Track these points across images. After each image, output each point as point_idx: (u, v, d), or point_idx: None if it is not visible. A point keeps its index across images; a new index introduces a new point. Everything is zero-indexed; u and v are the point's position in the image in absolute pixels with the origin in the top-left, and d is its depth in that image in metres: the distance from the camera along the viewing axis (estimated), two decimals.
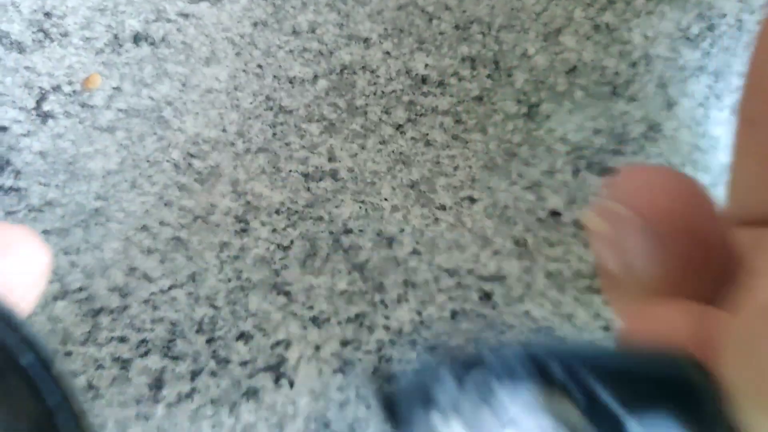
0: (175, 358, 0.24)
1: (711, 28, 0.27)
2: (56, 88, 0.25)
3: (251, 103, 0.25)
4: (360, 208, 0.25)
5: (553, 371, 0.15)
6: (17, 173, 0.25)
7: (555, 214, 0.25)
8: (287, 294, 0.24)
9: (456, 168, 0.25)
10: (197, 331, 0.24)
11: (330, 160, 0.25)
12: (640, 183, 0.16)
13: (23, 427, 0.14)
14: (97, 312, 0.24)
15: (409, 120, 0.25)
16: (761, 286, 0.12)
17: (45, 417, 0.14)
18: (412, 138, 0.25)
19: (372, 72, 0.26)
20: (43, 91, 0.25)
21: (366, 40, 0.26)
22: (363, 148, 0.25)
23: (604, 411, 0.15)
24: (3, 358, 0.14)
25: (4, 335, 0.14)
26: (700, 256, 0.15)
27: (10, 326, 0.14)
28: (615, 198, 0.16)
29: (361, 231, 0.25)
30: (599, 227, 0.17)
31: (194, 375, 0.24)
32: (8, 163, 0.25)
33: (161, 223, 0.25)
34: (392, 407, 0.15)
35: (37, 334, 0.14)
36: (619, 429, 0.14)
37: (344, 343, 0.24)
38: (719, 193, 0.17)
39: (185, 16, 0.26)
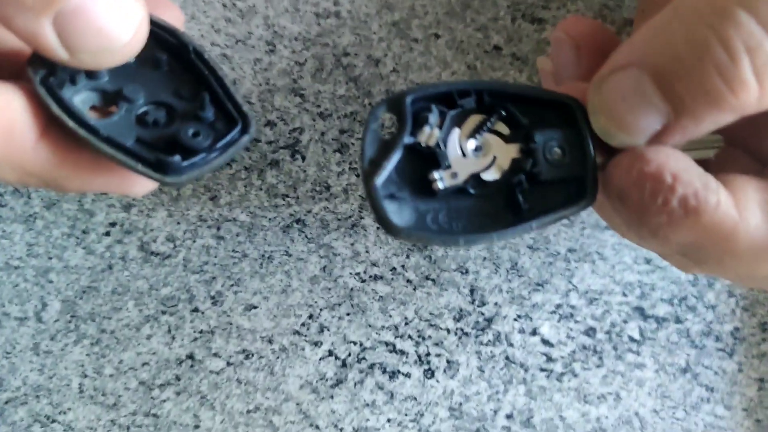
0: None
1: None
2: None
3: None
4: (356, 38, 0.34)
5: (484, 98, 0.23)
6: None
7: (497, 48, 0.35)
8: (302, 96, 0.34)
9: (426, 13, 0.35)
10: None
11: (335, 4, 0.34)
12: (574, 23, 0.26)
13: (186, 91, 0.23)
14: None
15: None
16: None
17: (202, 85, 0.22)
18: None
19: None
20: None
21: None
22: None
23: (519, 125, 0.23)
24: (178, 50, 0.23)
25: (177, 38, 0.23)
26: (602, 60, 0.23)
27: (176, 35, 0.23)
28: (560, 30, 0.26)
29: (356, 54, 0.34)
30: (546, 66, 0.27)
31: None
32: None
33: (212, 44, 0.34)
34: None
35: (193, 39, 0.23)
36: (529, 137, 0.22)
37: (342, 132, 0.34)
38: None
39: None
